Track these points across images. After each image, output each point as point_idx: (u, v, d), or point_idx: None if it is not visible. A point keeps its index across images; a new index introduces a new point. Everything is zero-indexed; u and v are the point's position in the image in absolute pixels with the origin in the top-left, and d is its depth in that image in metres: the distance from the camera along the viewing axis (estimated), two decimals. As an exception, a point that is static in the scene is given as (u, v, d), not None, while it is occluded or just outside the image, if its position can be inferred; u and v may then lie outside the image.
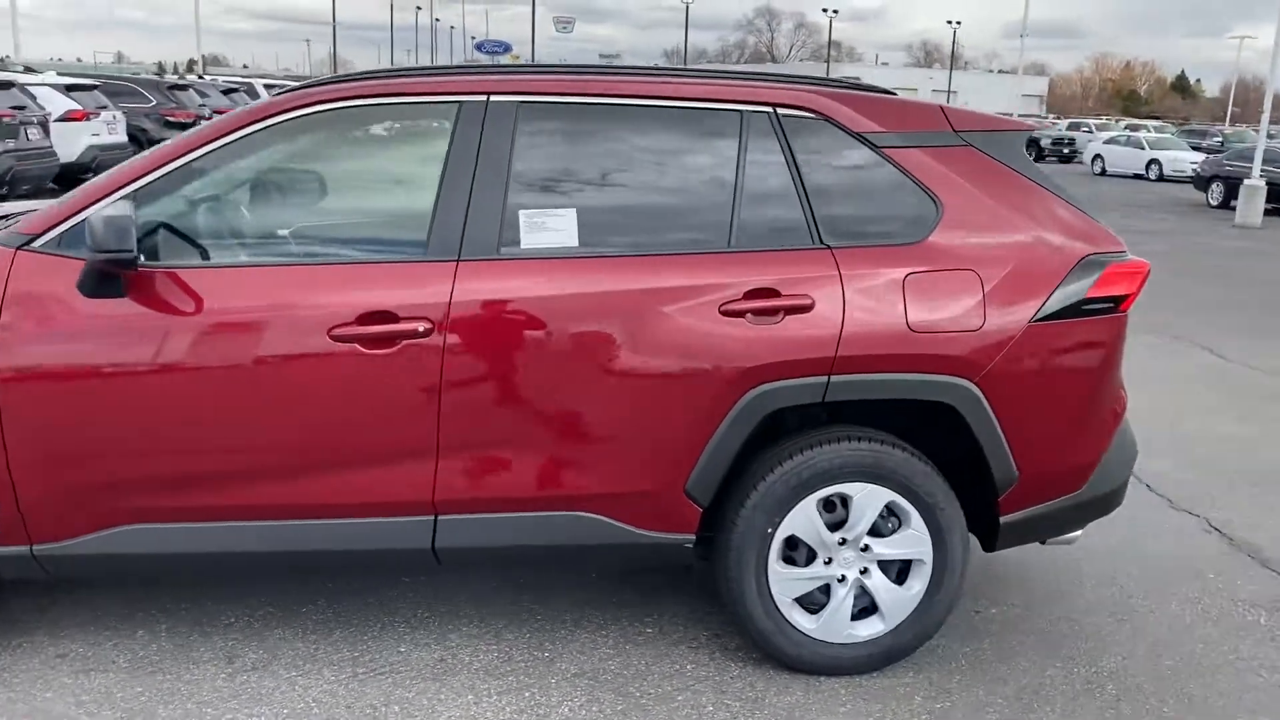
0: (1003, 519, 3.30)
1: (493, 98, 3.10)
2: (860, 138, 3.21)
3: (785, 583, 3.21)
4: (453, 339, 2.95)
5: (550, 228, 3.05)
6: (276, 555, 3.07)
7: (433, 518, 3.06)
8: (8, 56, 31.24)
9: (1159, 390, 6.94)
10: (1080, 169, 35.95)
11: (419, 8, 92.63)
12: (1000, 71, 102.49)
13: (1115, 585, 4.07)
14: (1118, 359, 3.36)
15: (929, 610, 3.27)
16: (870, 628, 3.28)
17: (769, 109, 3.20)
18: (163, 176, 3.00)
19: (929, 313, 3.11)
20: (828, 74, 70.30)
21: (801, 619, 3.24)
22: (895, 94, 3.42)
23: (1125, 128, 43.37)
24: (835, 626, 3.25)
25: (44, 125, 13.57)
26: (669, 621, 3.58)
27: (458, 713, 3.01)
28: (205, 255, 3.04)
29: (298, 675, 3.16)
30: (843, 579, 3.24)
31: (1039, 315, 3.17)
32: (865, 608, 3.28)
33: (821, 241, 3.14)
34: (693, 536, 3.16)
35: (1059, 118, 56.86)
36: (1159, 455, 5.55)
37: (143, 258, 2.87)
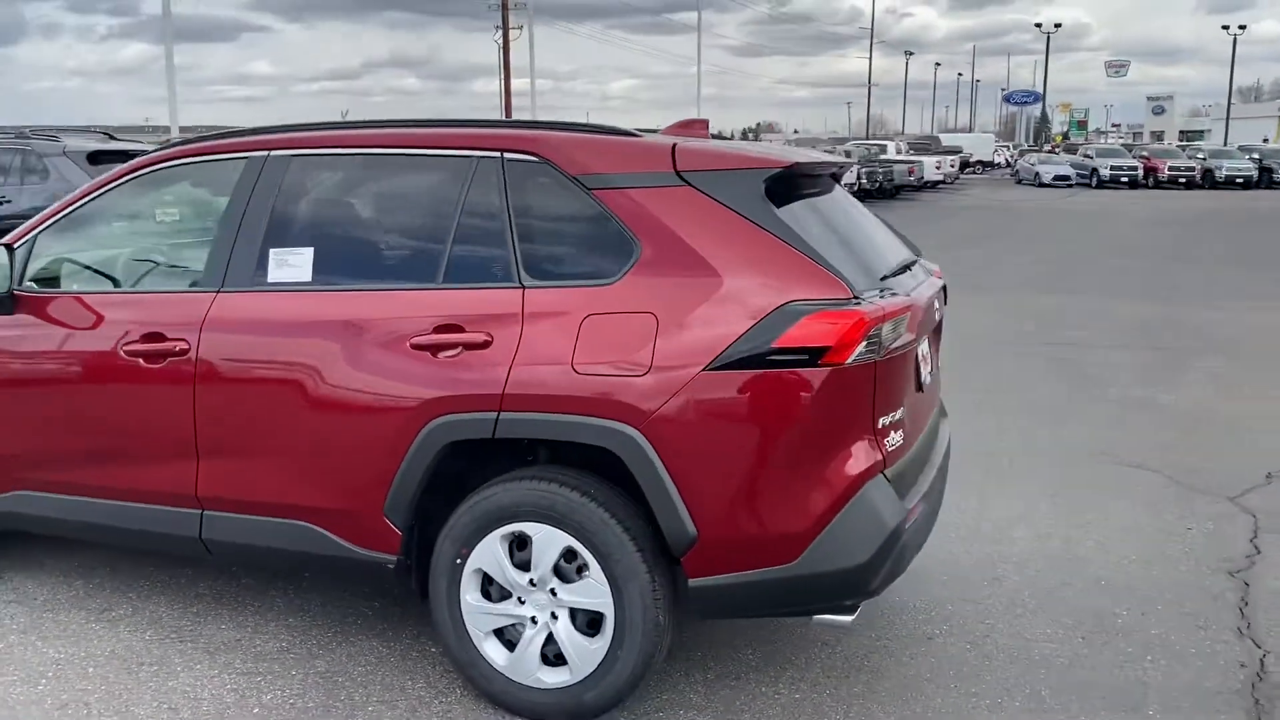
0: (691, 582, 3.05)
1: (271, 153, 3.58)
2: (574, 180, 3.20)
3: (478, 615, 3.26)
4: (202, 357, 3.46)
5: (291, 264, 3.45)
6: (100, 527, 3.78)
7: (199, 512, 3.57)
8: None
9: None
10: None
11: (938, 64, 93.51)
12: None
13: (1008, 698, 3.43)
14: (836, 418, 2.96)
15: (613, 668, 3.12)
16: (558, 676, 3.20)
17: (498, 154, 3.31)
18: (60, 219, 3.88)
19: (596, 355, 3.03)
20: None
21: (494, 654, 3.26)
22: (637, 134, 3.33)
23: None
24: (525, 668, 3.22)
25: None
26: (462, 645, 3.72)
27: (189, 680, 3.48)
28: (64, 285, 3.86)
29: (104, 626, 3.86)
30: (535, 620, 3.21)
31: (715, 364, 2.93)
32: (560, 655, 3.21)
33: (520, 280, 3.19)
34: (393, 558, 3.33)
35: None
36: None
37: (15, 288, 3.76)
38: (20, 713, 3.28)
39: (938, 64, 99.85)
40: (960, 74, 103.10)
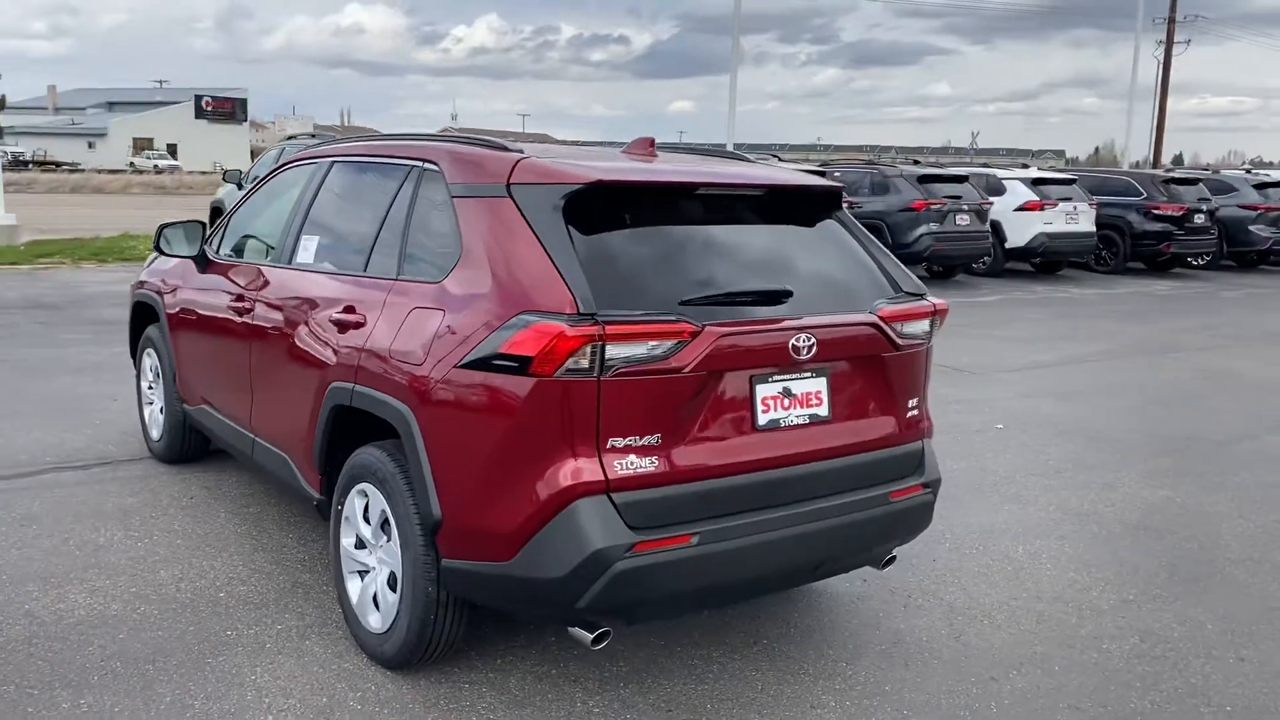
0: (443, 561, 3.28)
1: (322, 159, 4.42)
2: (448, 188, 3.56)
3: (346, 558, 3.80)
4: (254, 316, 4.42)
5: (308, 249, 4.26)
6: (224, 440, 4.94)
7: (253, 437, 4.54)
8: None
9: None
10: None
11: None
12: None
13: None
14: (545, 430, 2.99)
15: (399, 626, 3.46)
16: (376, 622, 3.61)
17: (420, 163, 3.78)
18: (241, 205, 5.11)
19: (404, 343, 3.41)
20: None
21: (353, 591, 3.77)
22: (509, 149, 3.52)
23: None
24: (362, 609, 3.69)
25: (979, 212, 15.57)
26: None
27: (219, 563, 4.44)
28: (234, 255, 5.03)
29: (229, 515, 4.95)
30: (372, 570, 3.67)
31: (464, 362, 3.16)
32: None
33: (397, 275, 3.65)
34: (316, 495, 3.98)
35: None
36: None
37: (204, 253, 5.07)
38: (105, 556, 4.51)
39: None
40: None
